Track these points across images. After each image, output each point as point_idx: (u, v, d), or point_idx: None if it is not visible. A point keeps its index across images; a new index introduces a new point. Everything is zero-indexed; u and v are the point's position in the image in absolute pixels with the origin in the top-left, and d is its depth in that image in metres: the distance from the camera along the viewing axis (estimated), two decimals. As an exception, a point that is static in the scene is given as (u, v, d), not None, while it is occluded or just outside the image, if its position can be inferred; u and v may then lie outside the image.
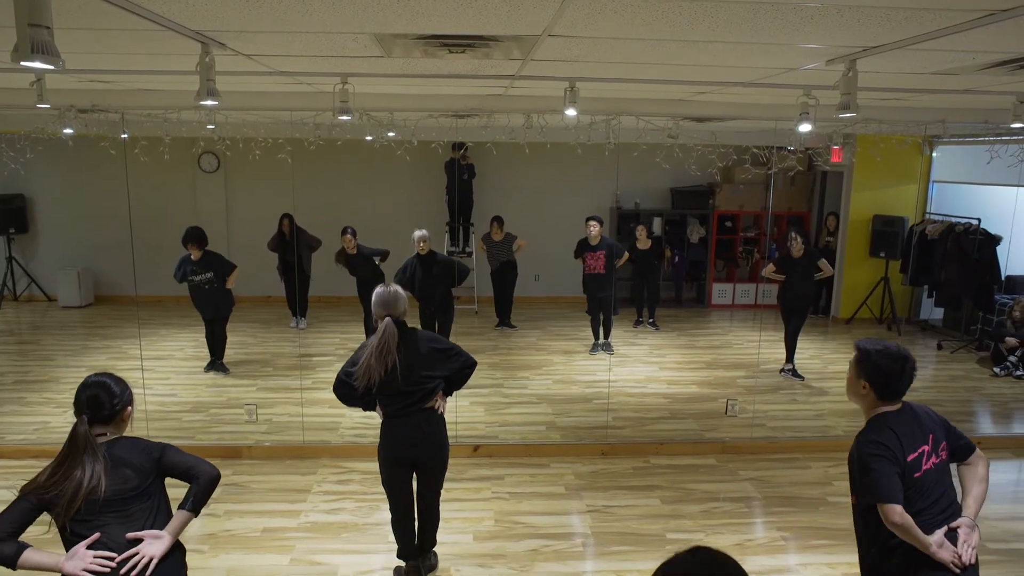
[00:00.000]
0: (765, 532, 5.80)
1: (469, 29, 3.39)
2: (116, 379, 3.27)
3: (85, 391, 3.18)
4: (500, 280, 11.57)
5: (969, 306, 11.11)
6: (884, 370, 3.26)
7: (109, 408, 3.17)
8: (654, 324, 12.00)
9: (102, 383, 3.21)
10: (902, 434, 3.23)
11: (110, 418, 3.18)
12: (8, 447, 6.89)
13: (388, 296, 4.60)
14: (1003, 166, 8.64)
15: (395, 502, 4.83)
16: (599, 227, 9.97)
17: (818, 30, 3.20)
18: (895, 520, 3.14)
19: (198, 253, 8.65)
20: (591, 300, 10.30)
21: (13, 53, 2.30)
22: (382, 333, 4.49)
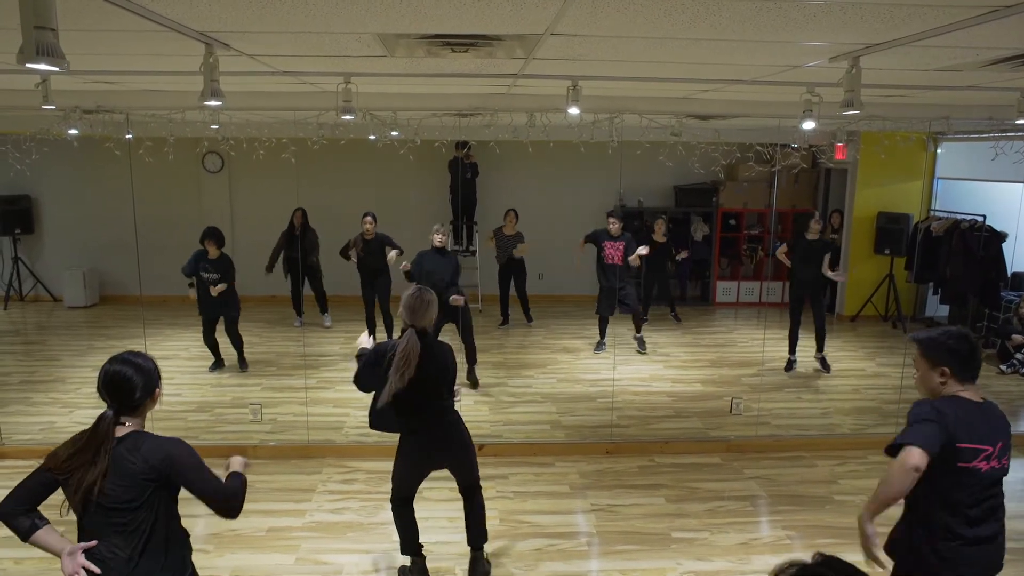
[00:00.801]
0: (770, 531, 5.80)
1: (472, 28, 3.39)
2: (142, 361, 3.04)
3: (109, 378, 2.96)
4: (507, 277, 11.55)
5: (975, 303, 11.08)
6: (957, 351, 3.22)
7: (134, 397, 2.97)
8: (676, 317, 12.08)
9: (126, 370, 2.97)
10: (965, 418, 3.17)
11: (136, 408, 3.01)
12: (14, 447, 6.91)
13: (415, 302, 4.46)
14: (1008, 162, 8.61)
15: (397, 491, 4.83)
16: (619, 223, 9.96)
17: (821, 27, 3.20)
18: (913, 461, 3.07)
19: (216, 252, 8.70)
20: (604, 294, 10.21)
21: (19, 55, 2.31)
22: (404, 345, 4.35)
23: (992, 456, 3.19)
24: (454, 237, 12.54)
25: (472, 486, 4.94)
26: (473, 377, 8.79)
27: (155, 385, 3.05)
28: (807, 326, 9.50)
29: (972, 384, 3.27)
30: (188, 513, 5.89)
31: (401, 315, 4.49)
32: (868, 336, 11.41)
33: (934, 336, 3.30)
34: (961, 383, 3.25)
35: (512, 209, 11.43)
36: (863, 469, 6.84)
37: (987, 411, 3.26)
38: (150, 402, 3.04)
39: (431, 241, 8.62)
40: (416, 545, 4.91)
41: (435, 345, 4.55)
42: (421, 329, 4.43)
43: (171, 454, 2.97)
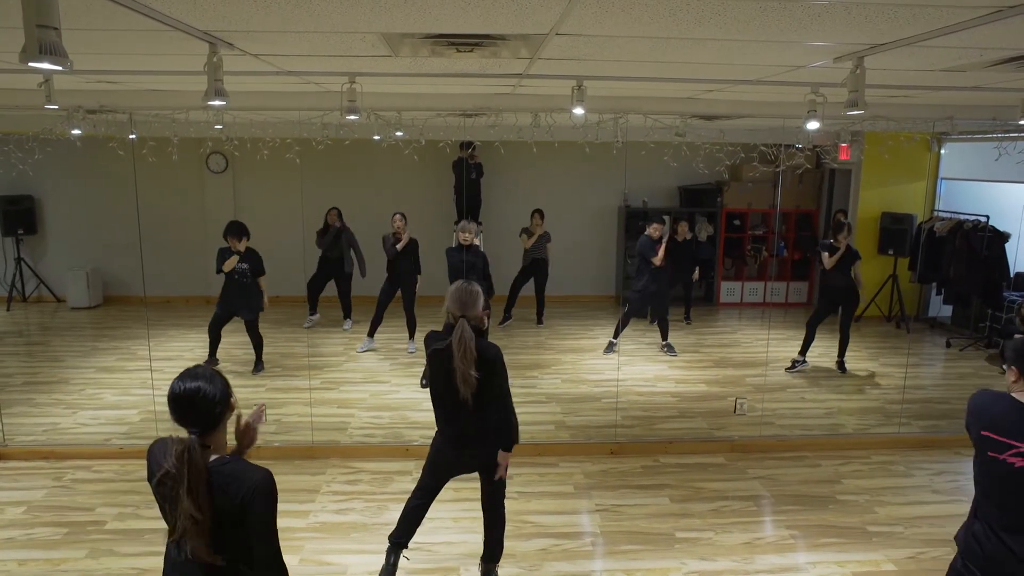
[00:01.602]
0: (774, 531, 5.79)
1: (477, 28, 3.39)
2: (208, 372, 2.83)
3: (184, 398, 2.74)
4: (526, 277, 11.56)
5: (978, 303, 11.08)
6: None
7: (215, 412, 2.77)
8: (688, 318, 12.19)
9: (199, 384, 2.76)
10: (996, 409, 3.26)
11: (218, 424, 2.79)
12: (17, 448, 6.91)
13: (463, 294, 4.38)
14: (1011, 163, 8.60)
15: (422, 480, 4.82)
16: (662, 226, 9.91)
17: (825, 27, 3.19)
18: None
19: (239, 246, 8.75)
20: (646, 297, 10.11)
21: (21, 54, 2.31)
22: (460, 336, 4.26)
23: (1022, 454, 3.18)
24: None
25: (496, 496, 4.84)
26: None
27: (230, 393, 2.84)
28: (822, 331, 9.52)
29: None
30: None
31: (449, 308, 4.38)
32: (872, 336, 11.40)
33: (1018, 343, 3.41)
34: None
35: (538, 209, 11.44)
36: (867, 469, 6.83)
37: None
38: (229, 412, 2.84)
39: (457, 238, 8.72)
40: (403, 537, 4.85)
41: (484, 346, 4.41)
42: (472, 321, 4.34)
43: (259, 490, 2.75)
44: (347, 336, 10.89)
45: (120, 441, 7.01)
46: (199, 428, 2.70)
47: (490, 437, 4.63)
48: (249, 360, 9.31)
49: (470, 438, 4.59)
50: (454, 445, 4.64)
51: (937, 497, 6.35)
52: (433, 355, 4.43)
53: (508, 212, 12.68)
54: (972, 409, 3.32)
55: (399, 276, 9.82)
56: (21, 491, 6.17)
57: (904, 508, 6.09)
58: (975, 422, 3.28)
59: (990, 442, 3.20)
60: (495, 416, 4.57)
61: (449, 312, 4.39)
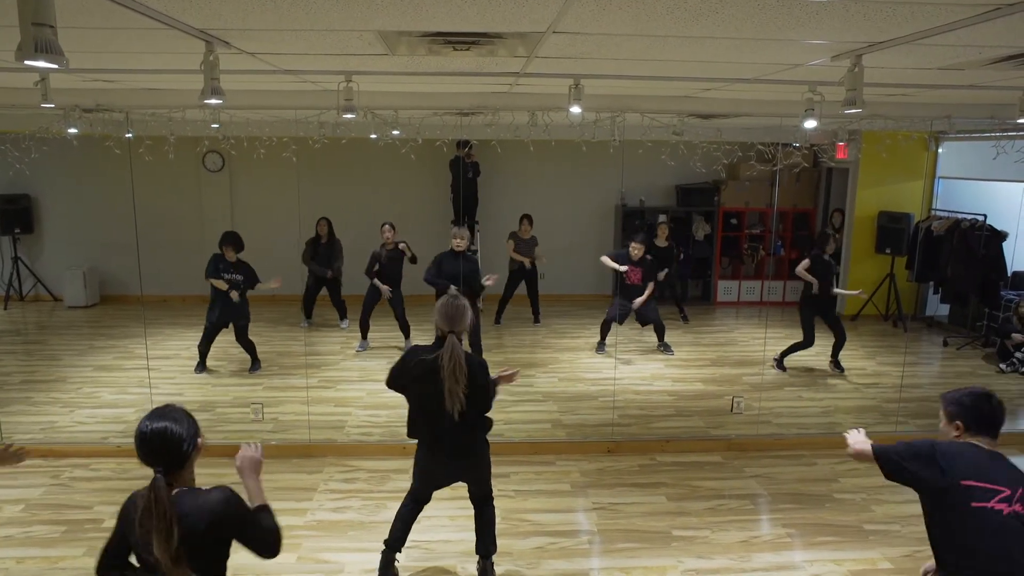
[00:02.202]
0: (771, 529, 5.79)
1: (474, 26, 3.38)
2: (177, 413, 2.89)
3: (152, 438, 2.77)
4: (517, 280, 11.56)
5: (975, 302, 11.09)
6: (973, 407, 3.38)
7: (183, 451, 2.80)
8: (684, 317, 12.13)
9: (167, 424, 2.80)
10: (970, 458, 3.23)
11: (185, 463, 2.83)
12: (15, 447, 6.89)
13: (452, 310, 4.39)
14: (1009, 162, 8.61)
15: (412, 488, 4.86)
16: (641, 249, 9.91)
17: (823, 25, 3.19)
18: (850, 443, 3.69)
19: (233, 256, 8.74)
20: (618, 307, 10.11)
21: (17, 52, 2.30)
22: (451, 352, 4.28)
23: (1014, 500, 3.14)
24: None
25: (484, 496, 4.90)
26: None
27: (197, 433, 2.88)
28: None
29: (988, 439, 3.34)
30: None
31: (437, 323, 4.40)
32: (869, 335, 11.41)
33: (954, 394, 3.46)
34: (973, 437, 3.34)
35: (527, 215, 11.46)
36: (863, 468, 6.76)
37: (1000, 458, 3.30)
38: (195, 452, 2.86)
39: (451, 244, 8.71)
40: (396, 543, 4.87)
41: (472, 361, 4.45)
42: (460, 335, 4.38)
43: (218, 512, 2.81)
44: (344, 335, 10.88)
45: (117, 439, 6.99)
46: (164, 467, 2.73)
47: (475, 453, 4.68)
48: (246, 359, 9.29)
49: (455, 453, 4.61)
50: (440, 460, 4.66)
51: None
52: (418, 368, 4.42)
53: (504, 211, 12.66)
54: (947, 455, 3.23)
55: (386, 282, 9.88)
56: (19, 489, 6.16)
57: (901, 506, 6.08)
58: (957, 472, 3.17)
59: (976, 491, 3.13)
60: (481, 429, 4.64)
61: (438, 327, 4.42)
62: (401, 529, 4.86)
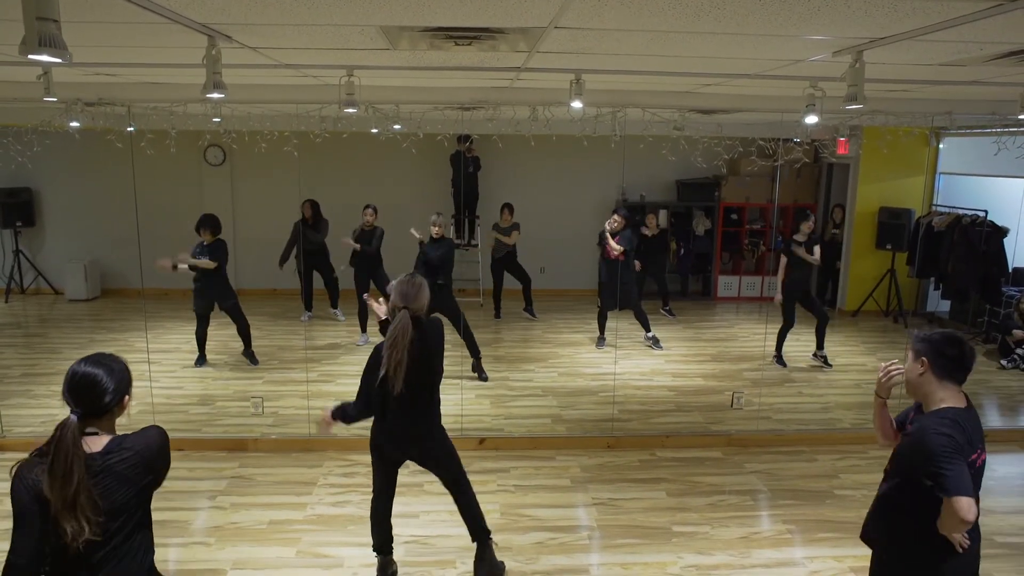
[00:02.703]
0: (771, 525, 5.81)
1: (475, 21, 3.38)
2: (114, 364, 2.88)
3: (78, 379, 2.76)
4: (499, 270, 11.55)
5: (976, 298, 11.08)
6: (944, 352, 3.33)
7: (103, 402, 2.76)
8: (669, 312, 12.07)
9: (97, 371, 2.79)
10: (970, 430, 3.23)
11: (103, 414, 2.78)
12: (15, 439, 6.91)
13: (407, 288, 4.43)
14: (1010, 158, 8.60)
15: (375, 489, 4.87)
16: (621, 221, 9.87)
17: (825, 21, 3.19)
18: (967, 516, 3.04)
19: (210, 239, 8.71)
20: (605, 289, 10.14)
21: (21, 46, 2.31)
22: (395, 326, 4.32)
23: (981, 451, 3.27)
24: (456, 231, 12.54)
25: (456, 479, 4.83)
26: (480, 370, 8.84)
27: (126, 391, 2.84)
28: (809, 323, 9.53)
29: (955, 384, 3.34)
30: (189, 506, 5.90)
31: (392, 301, 4.45)
32: (869, 331, 11.41)
33: (926, 333, 3.43)
34: (937, 378, 3.34)
35: (507, 204, 11.44)
36: (864, 464, 6.84)
37: (973, 414, 3.33)
38: (118, 409, 2.83)
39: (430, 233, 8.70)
40: (384, 545, 4.89)
41: (427, 327, 4.47)
42: (414, 314, 4.39)
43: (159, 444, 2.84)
44: (344, 329, 10.89)
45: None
46: (81, 410, 2.70)
47: (427, 426, 4.66)
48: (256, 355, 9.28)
49: (409, 433, 4.61)
50: (394, 440, 4.65)
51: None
52: (374, 358, 4.46)
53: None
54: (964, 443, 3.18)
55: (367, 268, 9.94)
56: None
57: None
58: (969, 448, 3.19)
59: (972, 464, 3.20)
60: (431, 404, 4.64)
61: (393, 305, 4.45)
62: (382, 530, 4.88)
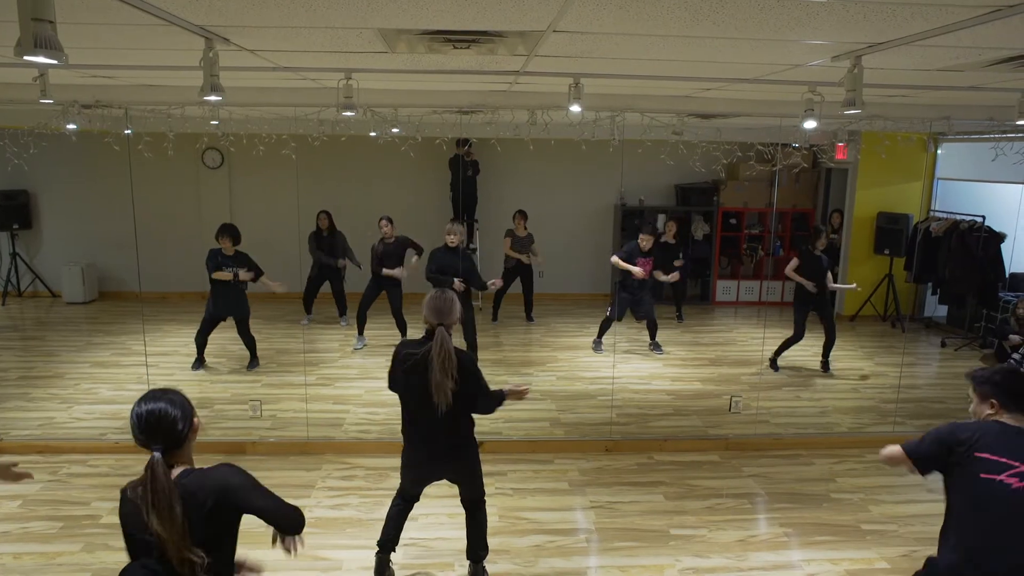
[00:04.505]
0: (768, 528, 5.80)
1: (474, 25, 3.38)
2: (173, 395, 2.86)
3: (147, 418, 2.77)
4: (512, 277, 11.54)
5: (973, 304, 11.10)
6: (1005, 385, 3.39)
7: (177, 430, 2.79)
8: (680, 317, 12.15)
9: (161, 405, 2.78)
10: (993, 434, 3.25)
11: (182, 443, 2.82)
12: (12, 443, 6.90)
13: (441, 303, 4.37)
14: (1008, 163, 8.61)
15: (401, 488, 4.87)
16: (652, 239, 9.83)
17: (823, 26, 3.20)
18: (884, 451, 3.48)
19: (231, 249, 8.70)
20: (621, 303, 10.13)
21: (16, 47, 2.30)
22: (440, 345, 4.26)
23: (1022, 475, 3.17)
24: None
25: (475, 501, 4.88)
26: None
27: (192, 413, 2.87)
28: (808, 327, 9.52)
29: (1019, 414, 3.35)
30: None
31: (426, 317, 4.39)
32: (867, 336, 11.41)
33: (983, 372, 3.47)
34: (1009, 413, 3.35)
35: (520, 210, 11.45)
36: (861, 468, 6.84)
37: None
38: (192, 435, 2.86)
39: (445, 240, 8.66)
40: (388, 543, 4.88)
41: (460, 355, 4.41)
42: (449, 328, 4.36)
43: (228, 482, 2.84)
44: (342, 332, 10.88)
45: (115, 436, 6.99)
46: (162, 446, 2.73)
47: (462, 451, 4.66)
48: (244, 356, 9.29)
49: (442, 452, 4.61)
50: (425, 457, 4.65)
51: (931, 496, 6.34)
52: (407, 363, 4.41)
53: (504, 209, 12.64)
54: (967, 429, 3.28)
55: (384, 279, 9.90)
56: (16, 485, 6.15)
57: (898, 507, 6.10)
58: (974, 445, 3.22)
59: (988, 464, 3.18)
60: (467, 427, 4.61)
61: (426, 321, 4.40)
62: (393, 529, 4.87)
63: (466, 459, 4.72)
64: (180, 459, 2.82)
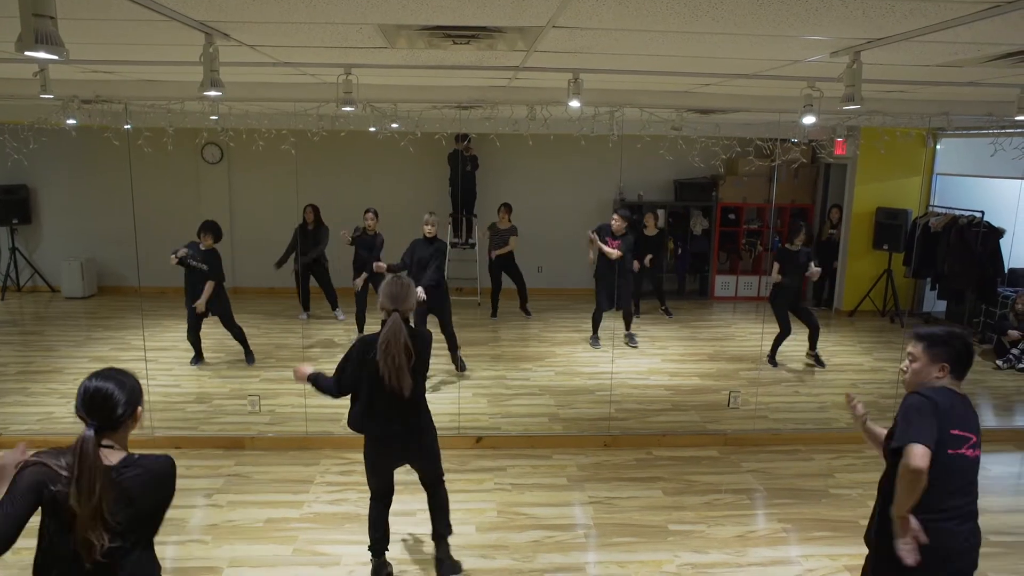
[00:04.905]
0: (767, 524, 5.81)
1: (473, 20, 3.38)
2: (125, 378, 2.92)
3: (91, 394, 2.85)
4: (497, 271, 11.54)
5: (972, 299, 11.10)
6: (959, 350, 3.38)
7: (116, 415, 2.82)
8: (667, 311, 12.11)
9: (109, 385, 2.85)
10: (955, 407, 3.30)
11: (117, 427, 2.84)
12: (12, 437, 6.90)
13: (395, 288, 4.42)
14: (1007, 159, 8.62)
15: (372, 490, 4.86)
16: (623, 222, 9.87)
17: (822, 22, 3.20)
18: (916, 462, 3.11)
19: (209, 244, 8.70)
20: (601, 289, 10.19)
21: (17, 43, 2.31)
22: (393, 329, 4.32)
23: (975, 445, 3.31)
24: (454, 230, 12.54)
25: (434, 481, 4.91)
26: (459, 361, 8.85)
27: (139, 402, 2.90)
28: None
29: (959, 380, 3.42)
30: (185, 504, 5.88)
31: (382, 303, 4.44)
32: (866, 331, 11.42)
33: (938, 333, 3.43)
34: (953, 378, 3.39)
35: (505, 204, 11.44)
36: (859, 463, 6.85)
37: (968, 403, 3.40)
38: (131, 422, 2.89)
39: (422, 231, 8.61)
40: (379, 545, 4.89)
41: (416, 334, 4.50)
42: (404, 314, 4.40)
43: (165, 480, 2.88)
44: (341, 327, 10.88)
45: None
46: (96, 425, 2.80)
47: (424, 432, 4.70)
48: (242, 351, 9.28)
49: (403, 433, 4.62)
50: (389, 443, 4.66)
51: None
52: (361, 348, 4.47)
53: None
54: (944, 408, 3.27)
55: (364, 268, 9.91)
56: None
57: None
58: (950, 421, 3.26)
59: (954, 440, 3.24)
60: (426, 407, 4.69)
61: (382, 307, 4.45)
62: (379, 531, 4.88)
63: (427, 439, 4.75)
64: (115, 440, 2.84)
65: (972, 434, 3.28)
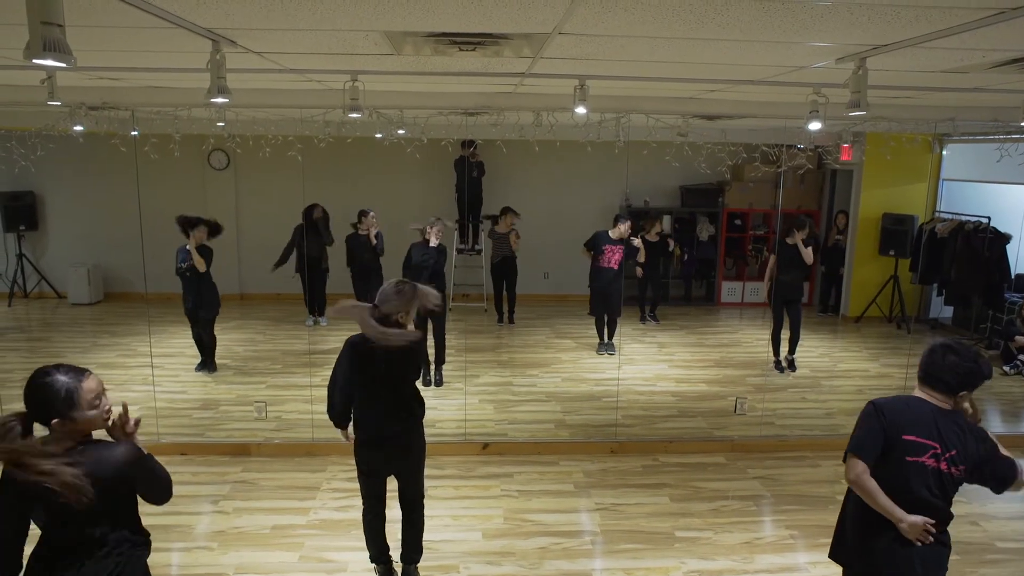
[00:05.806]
0: (774, 530, 5.80)
1: (480, 27, 3.39)
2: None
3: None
4: (499, 276, 11.55)
5: (978, 304, 11.08)
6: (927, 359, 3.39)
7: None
8: (654, 317, 12.09)
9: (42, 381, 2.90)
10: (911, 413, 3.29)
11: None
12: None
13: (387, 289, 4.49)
14: (1013, 164, 8.59)
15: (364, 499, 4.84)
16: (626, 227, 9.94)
17: (828, 28, 3.20)
18: (849, 476, 3.29)
19: (203, 239, 8.75)
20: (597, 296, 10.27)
21: (25, 51, 2.31)
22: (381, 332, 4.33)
23: (942, 457, 3.25)
24: (460, 236, 12.54)
25: (414, 499, 4.85)
26: (439, 377, 8.81)
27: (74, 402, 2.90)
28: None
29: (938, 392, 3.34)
30: (192, 511, 5.89)
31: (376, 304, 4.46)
32: (872, 337, 11.40)
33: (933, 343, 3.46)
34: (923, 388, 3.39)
35: (507, 208, 11.45)
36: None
37: (942, 414, 3.32)
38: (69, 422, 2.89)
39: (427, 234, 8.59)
40: (381, 555, 4.90)
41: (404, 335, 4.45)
42: (385, 316, 4.39)
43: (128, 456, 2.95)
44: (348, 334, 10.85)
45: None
46: (32, 415, 2.88)
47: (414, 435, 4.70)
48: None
49: (392, 433, 4.61)
50: (379, 445, 4.63)
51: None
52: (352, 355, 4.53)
53: (507, 211, 12.67)
54: (890, 410, 3.30)
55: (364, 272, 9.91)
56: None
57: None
58: (894, 425, 3.27)
59: (912, 446, 3.24)
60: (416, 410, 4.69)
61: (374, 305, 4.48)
62: (377, 541, 4.88)
63: (414, 445, 4.72)
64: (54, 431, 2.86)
65: (935, 443, 3.24)
